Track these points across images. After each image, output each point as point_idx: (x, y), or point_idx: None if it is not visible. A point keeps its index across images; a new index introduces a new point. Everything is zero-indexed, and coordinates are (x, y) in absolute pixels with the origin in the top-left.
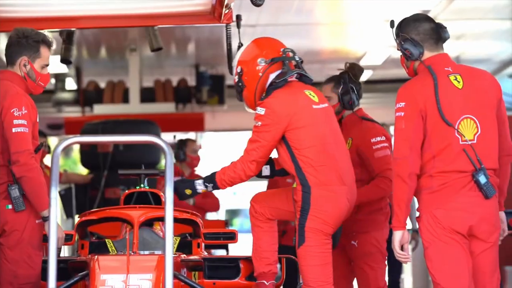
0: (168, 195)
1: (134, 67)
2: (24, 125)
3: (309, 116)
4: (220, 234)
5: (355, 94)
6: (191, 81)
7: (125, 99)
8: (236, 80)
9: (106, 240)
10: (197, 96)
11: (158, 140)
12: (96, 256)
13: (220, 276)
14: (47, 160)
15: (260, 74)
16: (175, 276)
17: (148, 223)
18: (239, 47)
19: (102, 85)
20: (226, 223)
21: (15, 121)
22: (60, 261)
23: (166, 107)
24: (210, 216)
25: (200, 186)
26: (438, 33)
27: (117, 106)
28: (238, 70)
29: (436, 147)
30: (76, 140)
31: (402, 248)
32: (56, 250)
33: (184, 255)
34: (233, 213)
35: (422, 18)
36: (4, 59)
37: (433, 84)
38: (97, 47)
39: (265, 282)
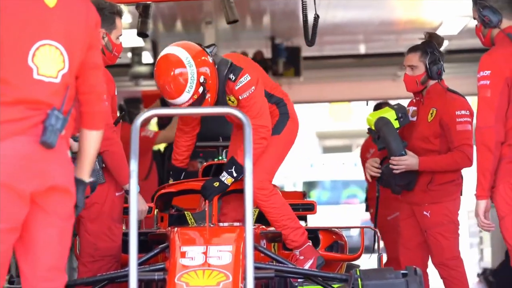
0: (248, 166)
1: (210, 40)
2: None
3: None
4: (299, 205)
5: (442, 64)
6: (267, 53)
7: None
8: (201, 91)
9: (185, 212)
10: (273, 68)
11: (236, 112)
12: (176, 228)
13: None
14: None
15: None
16: (255, 248)
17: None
18: (315, 18)
19: None
20: (304, 194)
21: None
22: (141, 234)
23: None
24: (288, 188)
25: (224, 177)
26: None
27: None
28: (202, 81)
29: None
30: (155, 113)
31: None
32: (137, 223)
33: (263, 227)
34: (310, 185)
35: None
36: None
37: None
38: (172, 20)
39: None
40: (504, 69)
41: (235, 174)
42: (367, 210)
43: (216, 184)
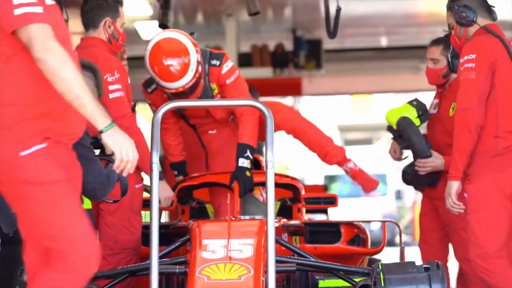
0: (269, 159)
1: (230, 32)
2: (120, 89)
3: None
4: (320, 199)
5: None
6: (288, 46)
7: None
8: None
9: (207, 205)
10: (294, 61)
11: (257, 104)
12: (197, 221)
13: (321, 240)
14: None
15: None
16: (276, 241)
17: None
18: (337, 10)
19: None
20: (325, 188)
21: (111, 87)
22: (161, 227)
23: (263, 72)
24: (309, 181)
25: (245, 163)
26: (489, 7)
27: None
28: (199, 60)
29: (502, 103)
30: (176, 105)
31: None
32: (159, 215)
33: (285, 220)
34: (331, 179)
35: None
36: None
37: (500, 41)
38: (193, 12)
39: None
40: (490, 54)
41: (251, 156)
42: None
43: (247, 173)
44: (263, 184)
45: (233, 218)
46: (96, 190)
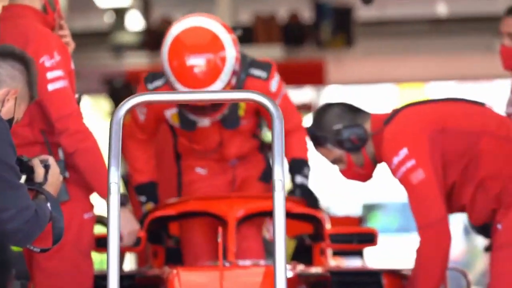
0: (278, 178)
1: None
2: (62, 77)
3: None
4: (354, 236)
5: None
6: (306, 16)
7: None
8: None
9: None
10: (315, 36)
11: (261, 98)
12: (175, 269)
13: None
14: None
15: None
16: None
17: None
18: None
19: None
20: (361, 220)
21: (49, 74)
22: (124, 276)
23: (270, 52)
24: (340, 211)
25: (304, 182)
26: None
27: None
28: (236, 69)
29: None
30: (144, 99)
31: None
32: (119, 258)
33: (302, 267)
34: (371, 208)
35: None
36: None
37: None
38: None
39: None
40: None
41: (308, 175)
42: None
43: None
44: (271, 214)
45: (227, 264)
46: (19, 231)
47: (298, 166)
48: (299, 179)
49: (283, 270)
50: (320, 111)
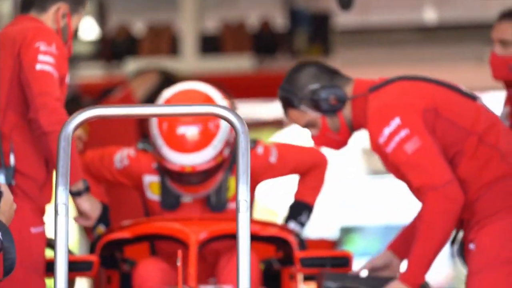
0: (242, 198)
1: (188, 1)
2: (52, 64)
3: None
4: (327, 260)
5: None
6: (280, 23)
7: (174, 50)
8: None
9: None
10: (289, 45)
11: (223, 111)
12: None
13: None
14: None
15: None
16: None
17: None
18: None
19: (138, 29)
20: (336, 243)
21: (41, 57)
22: None
23: (240, 62)
24: (315, 233)
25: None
26: None
27: (161, 60)
28: (230, 139)
29: None
30: (96, 114)
31: None
32: (67, 284)
33: None
34: (348, 231)
35: None
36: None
37: None
38: None
39: None
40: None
41: (306, 222)
42: None
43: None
44: (234, 236)
45: None
46: None
47: (297, 211)
48: (292, 225)
49: None
50: (294, 71)
